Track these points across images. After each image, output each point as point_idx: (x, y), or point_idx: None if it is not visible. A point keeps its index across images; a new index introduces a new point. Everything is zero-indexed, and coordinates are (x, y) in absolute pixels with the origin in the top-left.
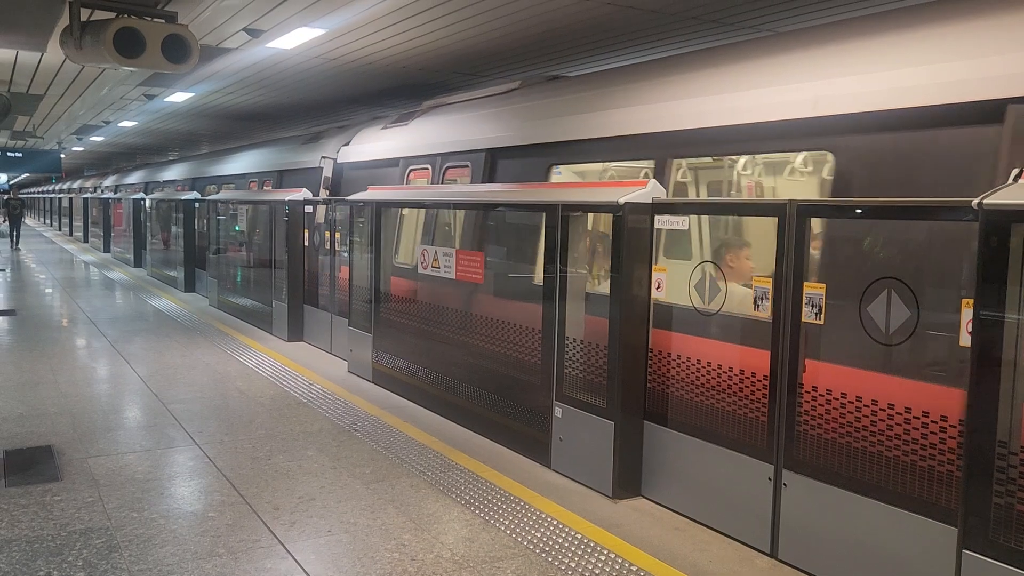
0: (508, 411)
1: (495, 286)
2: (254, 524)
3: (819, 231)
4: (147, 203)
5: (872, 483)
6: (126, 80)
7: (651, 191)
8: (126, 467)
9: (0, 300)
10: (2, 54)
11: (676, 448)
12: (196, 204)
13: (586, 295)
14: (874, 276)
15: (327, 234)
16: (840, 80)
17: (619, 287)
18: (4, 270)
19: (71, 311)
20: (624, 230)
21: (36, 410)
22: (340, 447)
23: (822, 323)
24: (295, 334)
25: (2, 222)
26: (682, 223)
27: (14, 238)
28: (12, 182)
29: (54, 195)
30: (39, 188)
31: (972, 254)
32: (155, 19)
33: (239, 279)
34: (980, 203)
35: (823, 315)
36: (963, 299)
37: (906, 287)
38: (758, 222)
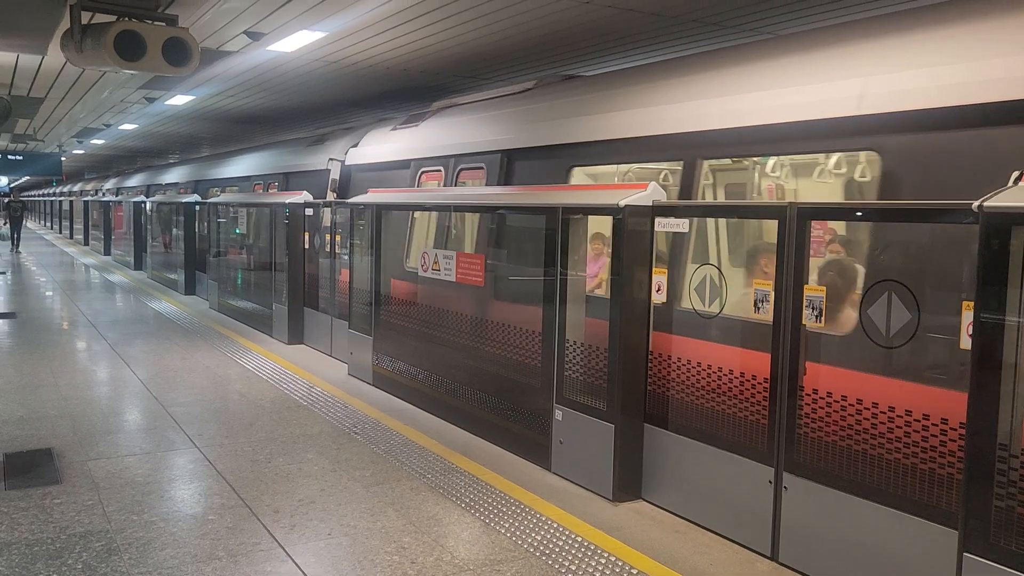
0: (508, 414)
1: (495, 289)
2: (254, 527)
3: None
4: (147, 206)
5: (873, 486)
6: (127, 83)
7: (651, 194)
8: (126, 470)
9: (0, 303)
10: (3, 57)
11: (677, 451)
12: (196, 207)
13: (586, 298)
14: (875, 278)
15: (327, 237)
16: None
17: (619, 289)
18: (5, 273)
19: (71, 314)
20: (624, 233)
21: (36, 413)
22: (340, 450)
23: (822, 326)
24: (295, 337)
25: (3, 225)
26: (682, 226)
27: (15, 241)
28: (13, 185)
29: (55, 198)
30: (40, 191)
31: (973, 257)
32: (156, 22)
33: (239, 282)
34: (981, 206)
35: (823, 318)
36: (964, 302)
37: (907, 289)
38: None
